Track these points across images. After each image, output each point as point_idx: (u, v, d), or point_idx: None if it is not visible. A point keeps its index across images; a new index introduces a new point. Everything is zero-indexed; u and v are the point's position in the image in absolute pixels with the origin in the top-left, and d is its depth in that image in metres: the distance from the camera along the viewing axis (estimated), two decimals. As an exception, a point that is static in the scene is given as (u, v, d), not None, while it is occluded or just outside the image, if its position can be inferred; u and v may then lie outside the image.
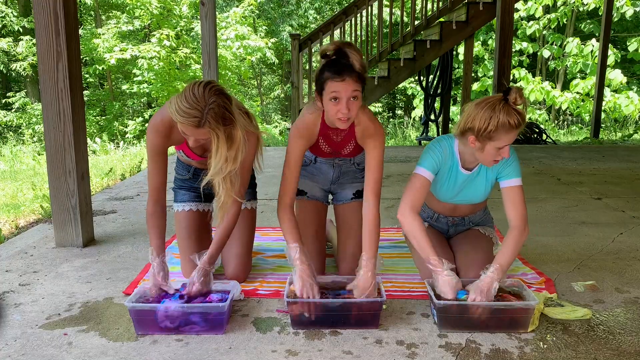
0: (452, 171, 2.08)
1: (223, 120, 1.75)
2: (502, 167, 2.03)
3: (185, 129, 1.75)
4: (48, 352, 1.67)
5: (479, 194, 2.14)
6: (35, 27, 2.55)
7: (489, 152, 1.89)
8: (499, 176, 2.05)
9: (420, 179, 2.03)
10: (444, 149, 2.06)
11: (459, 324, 1.79)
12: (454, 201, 2.19)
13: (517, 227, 1.95)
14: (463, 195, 2.15)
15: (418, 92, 11.71)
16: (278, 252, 2.65)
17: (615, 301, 2.06)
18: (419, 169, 2.05)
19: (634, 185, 4.38)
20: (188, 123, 1.71)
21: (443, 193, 2.15)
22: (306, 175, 2.33)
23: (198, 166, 2.25)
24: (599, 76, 7.90)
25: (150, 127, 1.97)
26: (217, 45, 7.87)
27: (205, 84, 1.74)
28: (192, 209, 2.27)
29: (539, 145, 7.43)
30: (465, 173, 2.08)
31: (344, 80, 1.78)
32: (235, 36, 11.09)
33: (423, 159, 2.06)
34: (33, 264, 2.49)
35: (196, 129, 1.74)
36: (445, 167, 2.07)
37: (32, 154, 7.89)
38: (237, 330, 1.81)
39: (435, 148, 2.06)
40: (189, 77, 11.17)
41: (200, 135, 1.78)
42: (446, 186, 2.12)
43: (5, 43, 10.65)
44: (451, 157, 2.06)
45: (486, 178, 2.09)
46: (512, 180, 2.01)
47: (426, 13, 6.97)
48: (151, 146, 1.97)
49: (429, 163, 2.04)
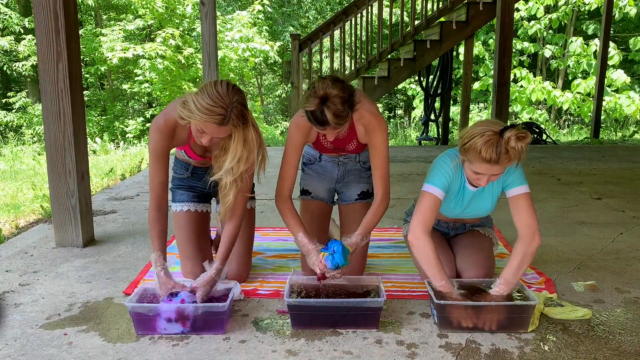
0: (460, 189, 2.03)
1: (243, 119, 1.77)
2: (506, 175, 1.96)
3: (205, 127, 1.74)
4: (48, 352, 1.68)
5: (485, 208, 2.10)
6: (35, 27, 2.56)
7: (468, 172, 1.89)
8: (504, 186, 1.98)
9: (432, 199, 1.93)
10: (455, 167, 1.97)
11: (459, 324, 1.79)
12: (460, 217, 2.17)
13: (523, 238, 1.88)
14: (469, 211, 2.11)
15: (418, 92, 11.71)
16: (278, 252, 2.65)
17: (615, 301, 2.06)
18: (429, 187, 1.95)
19: (634, 185, 4.37)
20: (211, 120, 1.71)
21: (450, 210, 2.11)
22: (311, 174, 2.33)
23: (197, 165, 2.25)
24: (599, 76, 7.90)
25: (153, 129, 1.95)
26: (218, 46, 7.87)
27: (227, 83, 1.77)
28: (191, 209, 2.26)
29: (539, 145, 7.42)
30: (472, 190, 2.02)
31: (326, 129, 1.85)
32: (239, 38, 11.10)
33: (434, 175, 1.96)
34: (33, 264, 2.49)
35: (218, 127, 1.73)
36: (455, 185, 2.00)
37: (32, 154, 7.89)
38: (237, 330, 1.81)
39: (447, 164, 1.97)
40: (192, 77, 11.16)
41: (220, 133, 1.77)
42: (453, 204, 2.07)
43: (7, 42, 10.64)
44: (460, 174, 1.99)
45: (492, 192, 2.04)
46: (517, 189, 1.92)
47: (426, 13, 6.97)
48: (154, 148, 1.96)
49: (441, 182, 1.95)
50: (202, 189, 2.30)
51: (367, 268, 2.37)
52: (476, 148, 1.74)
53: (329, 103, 1.78)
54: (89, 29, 11.55)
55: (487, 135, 1.73)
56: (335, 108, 1.79)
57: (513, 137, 1.69)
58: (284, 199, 2.10)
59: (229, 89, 1.74)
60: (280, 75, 16.15)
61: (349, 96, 1.82)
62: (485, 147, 1.72)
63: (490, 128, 1.75)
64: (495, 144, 1.71)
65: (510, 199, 1.94)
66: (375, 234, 2.89)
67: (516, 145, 1.69)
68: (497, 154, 1.72)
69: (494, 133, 1.73)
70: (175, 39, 10.79)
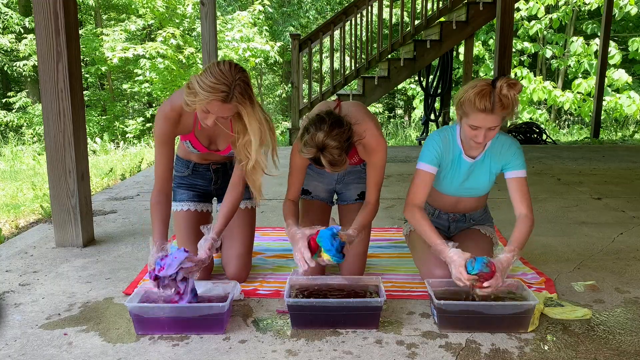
0: (455, 160, 2.09)
1: (248, 97, 1.79)
2: (507, 157, 2.06)
3: (210, 106, 1.75)
4: (48, 352, 1.68)
5: (482, 184, 2.15)
6: (35, 27, 2.56)
7: (465, 129, 1.94)
8: (504, 167, 2.08)
9: (421, 174, 2.06)
10: (445, 140, 2.06)
11: (459, 324, 1.79)
12: (458, 193, 2.19)
13: (527, 215, 2.00)
14: (467, 185, 2.15)
15: (418, 92, 11.71)
16: (278, 252, 2.65)
17: (615, 301, 2.06)
18: (420, 164, 2.07)
19: (634, 185, 4.37)
20: (215, 98, 1.72)
21: (447, 184, 2.15)
22: (311, 175, 2.34)
23: (198, 161, 2.26)
24: (599, 76, 7.90)
25: (159, 114, 1.98)
26: (218, 45, 7.83)
27: (229, 62, 1.79)
28: (191, 209, 2.27)
29: (539, 145, 7.42)
30: (469, 161, 2.08)
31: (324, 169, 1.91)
32: (240, 38, 11.11)
33: (423, 152, 2.08)
34: (33, 264, 2.49)
35: (222, 104, 1.75)
36: (448, 158, 2.08)
37: (32, 154, 7.88)
38: (237, 331, 1.81)
39: (435, 140, 2.07)
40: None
41: (225, 111, 1.78)
42: (450, 176, 2.12)
43: (7, 40, 10.64)
44: (453, 146, 2.07)
45: (490, 169, 2.10)
46: (518, 172, 2.05)
47: (426, 13, 6.97)
48: (159, 133, 1.98)
49: (430, 156, 2.05)
50: (203, 188, 2.30)
51: (367, 268, 2.37)
52: (470, 99, 1.84)
53: (326, 153, 1.83)
54: (89, 29, 11.55)
55: (480, 86, 1.85)
56: (332, 158, 1.84)
57: (505, 85, 1.81)
58: (286, 200, 2.19)
59: (232, 68, 1.77)
60: (280, 75, 16.15)
61: (346, 140, 1.85)
62: (479, 97, 1.82)
63: (482, 80, 1.87)
64: (488, 93, 1.83)
65: (510, 180, 2.06)
66: (376, 234, 2.89)
67: (508, 93, 1.82)
68: (491, 102, 1.82)
69: (487, 84, 1.85)
70: (176, 38, 10.79)
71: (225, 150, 2.15)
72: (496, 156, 2.08)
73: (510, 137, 2.12)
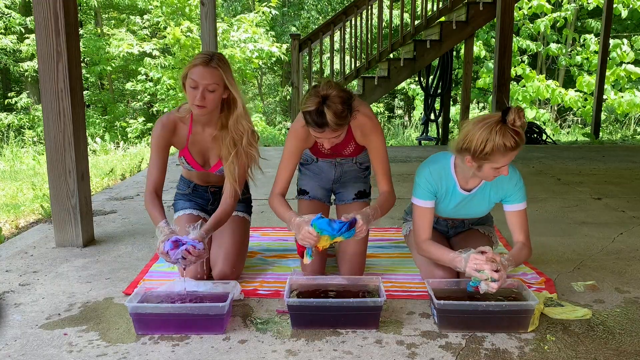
0: (450, 191, 2.06)
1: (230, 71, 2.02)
2: (508, 190, 2.02)
3: (194, 73, 1.97)
4: (48, 352, 1.68)
5: (479, 211, 2.14)
6: (35, 27, 2.56)
7: (487, 171, 1.89)
8: (504, 199, 2.05)
9: (419, 210, 2.06)
10: (435, 172, 2.02)
11: (459, 324, 1.79)
12: (454, 216, 2.19)
13: (525, 244, 2.01)
14: (462, 212, 2.15)
15: (418, 92, 11.70)
16: (278, 252, 2.65)
17: (615, 301, 2.06)
18: (415, 199, 2.07)
19: (634, 185, 4.37)
20: (198, 62, 1.97)
21: (441, 210, 2.14)
22: (308, 174, 2.34)
23: (198, 182, 2.36)
24: (599, 75, 7.89)
25: (157, 123, 2.18)
26: (224, 44, 7.81)
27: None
28: (193, 213, 2.34)
29: (539, 145, 7.42)
30: (464, 194, 2.05)
31: (324, 132, 1.87)
32: (246, 39, 11.13)
33: (416, 186, 2.07)
34: (33, 264, 2.49)
35: (204, 68, 1.96)
36: (442, 189, 2.05)
37: (32, 154, 7.89)
38: (237, 331, 1.81)
39: (424, 175, 2.03)
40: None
41: (208, 77, 1.96)
42: (444, 205, 2.11)
43: (9, 41, 10.63)
44: (447, 178, 2.03)
45: (489, 198, 2.07)
46: (518, 205, 2.02)
47: (426, 13, 6.97)
48: (155, 139, 2.15)
49: (423, 192, 2.04)
50: (201, 205, 2.40)
51: (367, 268, 2.37)
52: (499, 146, 1.78)
53: (329, 102, 1.82)
54: (90, 29, 11.55)
55: (497, 129, 1.78)
56: (335, 107, 1.82)
57: (514, 114, 1.77)
58: (273, 195, 2.13)
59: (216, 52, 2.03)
60: (281, 75, 16.14)
61: (348, 98, 1.86)
62: (505, 139, 1.77)
63: (490, 123, 1.80)
64: (507, 131, 1.78)
65: (509, 213, 2.06)
66: (376, 234, 2.90)
67: (521, 119, 1.78)
68: (516, 135, 1.78)
69: (498, 124, 1.79)
70: (184, 34, 10.78)
71: (216, 165, 2.24)
72: (496, 187, 2.03)
73: (512, 167, 1.99)
